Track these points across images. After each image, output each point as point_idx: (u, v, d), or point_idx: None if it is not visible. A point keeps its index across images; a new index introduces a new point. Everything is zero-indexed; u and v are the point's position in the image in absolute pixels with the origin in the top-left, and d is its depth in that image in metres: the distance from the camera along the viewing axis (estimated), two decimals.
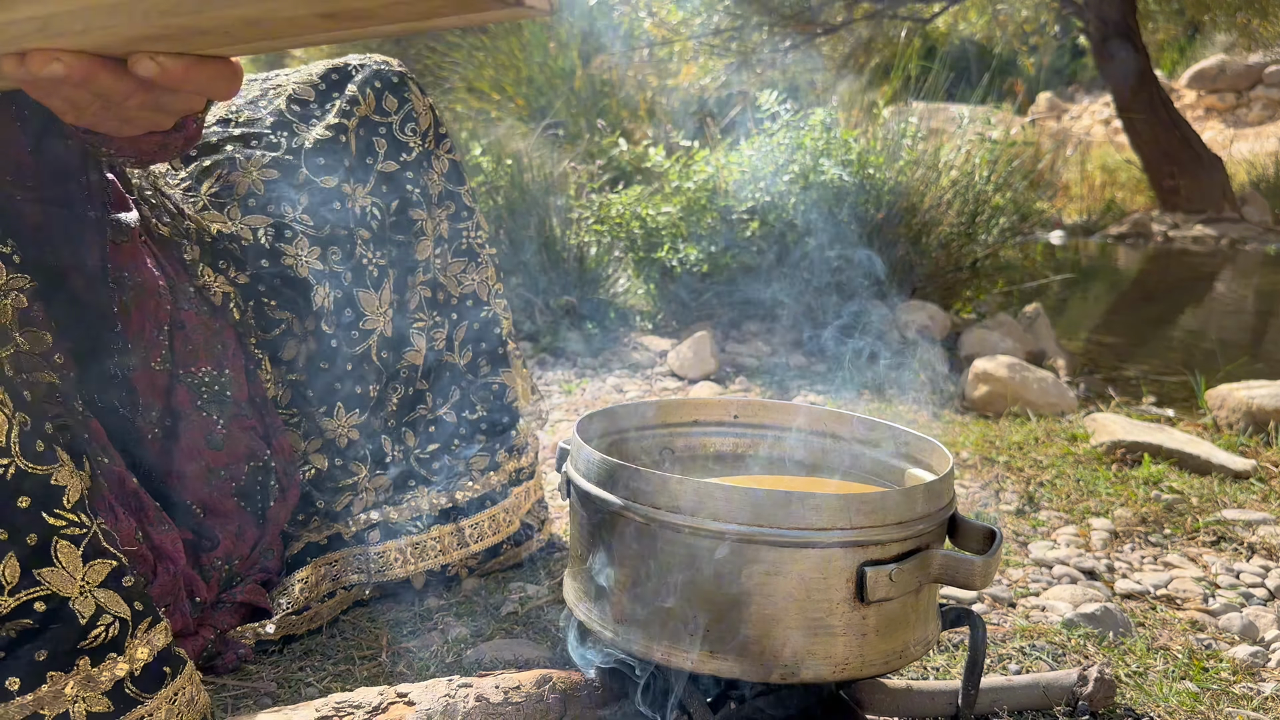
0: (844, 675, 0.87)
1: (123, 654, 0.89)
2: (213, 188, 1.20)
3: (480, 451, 1.35)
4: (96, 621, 0.87)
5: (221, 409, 1.15)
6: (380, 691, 0.95)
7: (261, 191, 1.21)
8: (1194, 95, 9.40)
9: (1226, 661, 1.24)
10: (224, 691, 1.08)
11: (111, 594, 0.89)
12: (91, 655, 0.87)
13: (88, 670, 0.87)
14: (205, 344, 1.15)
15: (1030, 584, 1.45)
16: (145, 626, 0.91)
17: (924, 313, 2.93)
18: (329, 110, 1.26)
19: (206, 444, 1.15)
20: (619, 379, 2.61)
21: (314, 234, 1.21)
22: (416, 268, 1.29)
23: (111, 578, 0.89)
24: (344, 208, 1.24)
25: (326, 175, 1.23)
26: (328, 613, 1.23)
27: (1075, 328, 3.92)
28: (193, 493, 1.14)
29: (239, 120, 1.24)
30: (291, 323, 1.20)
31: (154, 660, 0.91)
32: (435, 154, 1.33)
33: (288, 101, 1.26)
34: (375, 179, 1.26)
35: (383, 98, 1.29)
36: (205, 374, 1.15)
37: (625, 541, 0.89)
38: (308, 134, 1.24)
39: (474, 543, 1.33)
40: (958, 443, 2.10)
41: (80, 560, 0.87)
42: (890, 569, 0.85)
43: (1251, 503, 1.80)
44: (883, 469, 1.12)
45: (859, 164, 2.93)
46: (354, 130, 1.26)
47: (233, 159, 1.22)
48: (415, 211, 1.29)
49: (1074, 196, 7.09)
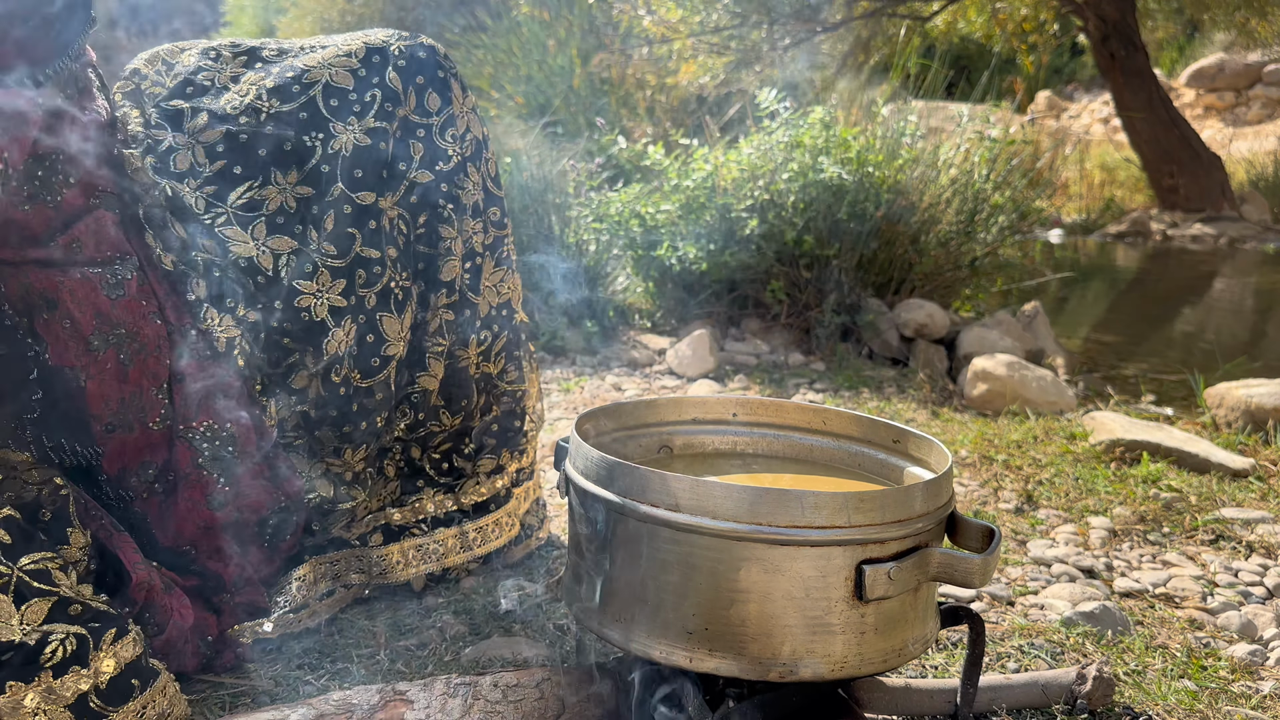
0: (842, 674, 0.87)
1: (87, 667, 0.87)
2: (241, 199, 1.12)
3: (488, 454, 1.34)
4: (46, 643, 0.85)
5: (222, 467, 1.09)
6: (378, 690, 0.95)
7: (293, 208, 1.13)
8: (1193, 94, 9.40)
9: (1225, 660, 1.24)
10: (221, 690, 1.08)
11: (57, 625, 0.86)
12: (54, 669, 0.85)
13: (49, 682, 0.85)
14: (206, 397, 1.08)
15: (1029, 582, 1.45)
16: (111, 639, 0.89)
17: (923, 311, 2.93)
18: (369, 105, 1.17)
19: (206, 503, 1.09)
20: (618, 377, 2.60)
21: (339, 265, 1.14)
22: (441, 289, 1.23)
23: (55, 611, 0.86)
24: (377, 226, 1.16)
25: (363, 191, 1.15)
26: (325, 610, 1.23)
27: (1074, 326, 3.92)
28: (190, 541, 1.10)
29: (269, 111, 1.15)
30: (305, 356, 1.14)
31: (121, 673, 0.89)
32: (474, 161, 1.25)
33: (324, 93, 1.16)
34: (406, 188, 1.18)
35: (425, 96, 1.20)
36: (206, 429, 1.09)
37: (623, 539, 0.89)
38: (344, 136, 1.15)
39: (477, 546, 1.32)
40: (956, 441, 2.10)
41: (13, 606, 0.84)
42: (889, 567, 0.85)
43: (1250, 501, 1.80)
44: (881, 467, 1.12)
45: (858, 162, 2.93)
46: (394, 134, 1.18)
47: (268, 169, 1.13)
48: (445, 229, 1.22)
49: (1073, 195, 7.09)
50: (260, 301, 1.12)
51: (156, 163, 1.12)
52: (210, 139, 1.14)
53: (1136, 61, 6.51)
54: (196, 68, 1.19)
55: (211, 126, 1.15)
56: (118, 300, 1.04)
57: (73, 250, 1.02)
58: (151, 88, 1.17)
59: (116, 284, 1.04)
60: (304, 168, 1.14)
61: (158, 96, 1.17)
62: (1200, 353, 3.38)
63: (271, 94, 1.16)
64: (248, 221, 1.12)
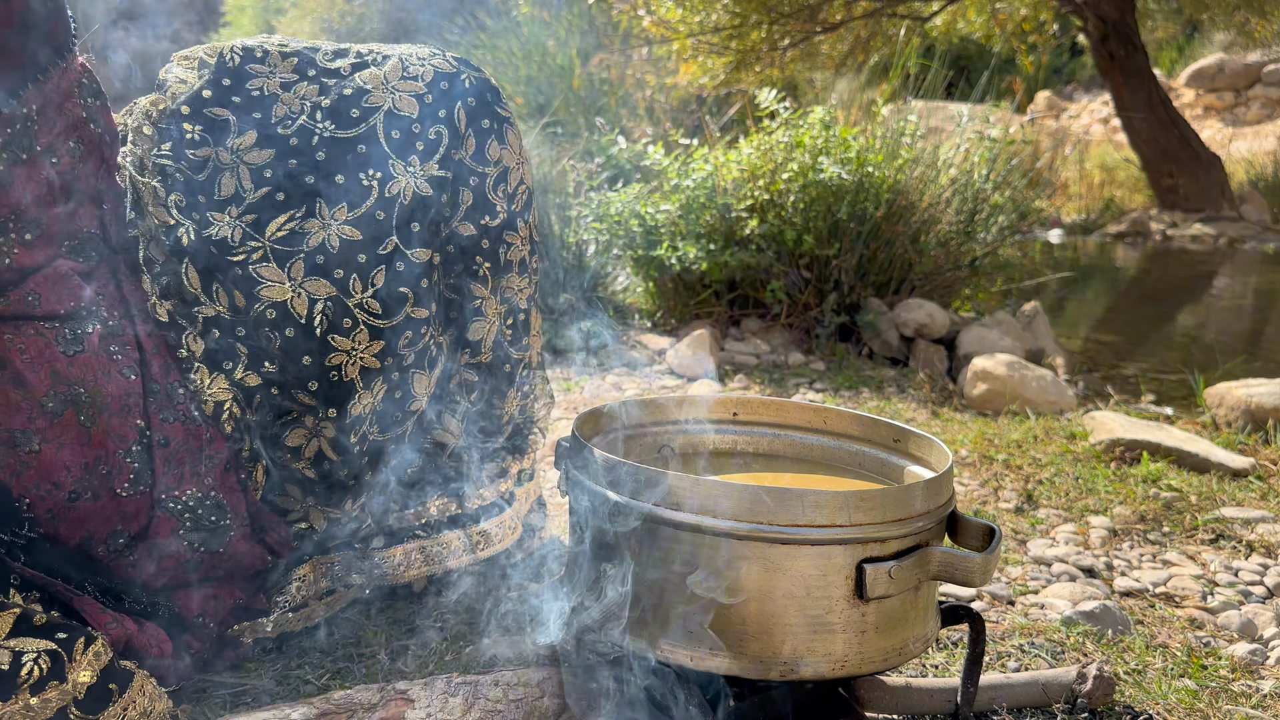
0: (843, 672, 0.87)
1: (65, 681, 0.85)
2: (281, 230, 1.02)
3: (493, 462, 1.34)
4: (20, 665, 0.83)
5: (209, 536, 1.01)
6: (379, 689, 0.95)
7: (335, 249, 1.01)
8: (1192, 94, 9.40)
9: (1225, 659, 1.24)
10: (221, 689, 1.08)
11: (24, 640, 0.84)
12: (32, 687, 0.83)
13: (27, 700, 0.83)
14: (190, 462, 0.99)
15: (1029, 582, 1.45)
16: (81, 648, 0.87)
17: (923, 311, 2.93)
18: (434, 144, 1.06)
19: (181, 569, 1.02)
20: (618, 377, 2.61)
21: (382, 326, 1.03)
22: (466, 348, 1.16)
23: (19, 625, 0.84)
24: (429, 285, 1.06)
25: (419, 248, 1.04)
26: (325, 610, 1.22)
27: (1074, 326, 3.92)
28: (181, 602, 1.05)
29: (323, 135, 1.04)
30: (302, 417, 1.05)
31: (98, 680, 0.88)
32: (523, 216, 1.15)
33: (385, 121, 1.04)
34: (443, 240, 1.09)
35: (487, 143, 1.10)
36: (190, 497, 1.01)
37: (624, 539, 0.89)
38: (404, 180, 1.04)
39: (480, 550, 1.32)
40: (957, 441, 2.10)
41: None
42: (889, 566, 0.85)
43: (1250, 500, 1.80)
44: (882, 466, 1.12)
45: (858, 162, 2.93)
46: (451, 181, 1.07)
47: (314, 200, 1.02)
48: (478, 287, 1.13)
49: (1073, 195, 7.09)
50: (283, 356, 1.02)
51: (188, 192, 1.02)
52: (257, 160, 1.04)
53: (1136, 61, 6.51)
54: (241, 72, 1.08)
55: (260, 147, 1.04)
56: (75, 357, 0.96)
57: (28, 305, 0.93)
58: (189, 95, 1.06)
59: (74, 339, 0.96)
60: (355, 209, 1.03)
61: (200, 103, 1.06)
62: (1200, 352, 3.38)
63: (327, 115, 1.05)
64: (286, 258, 1.01)
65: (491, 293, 1.14)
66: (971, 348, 2.80)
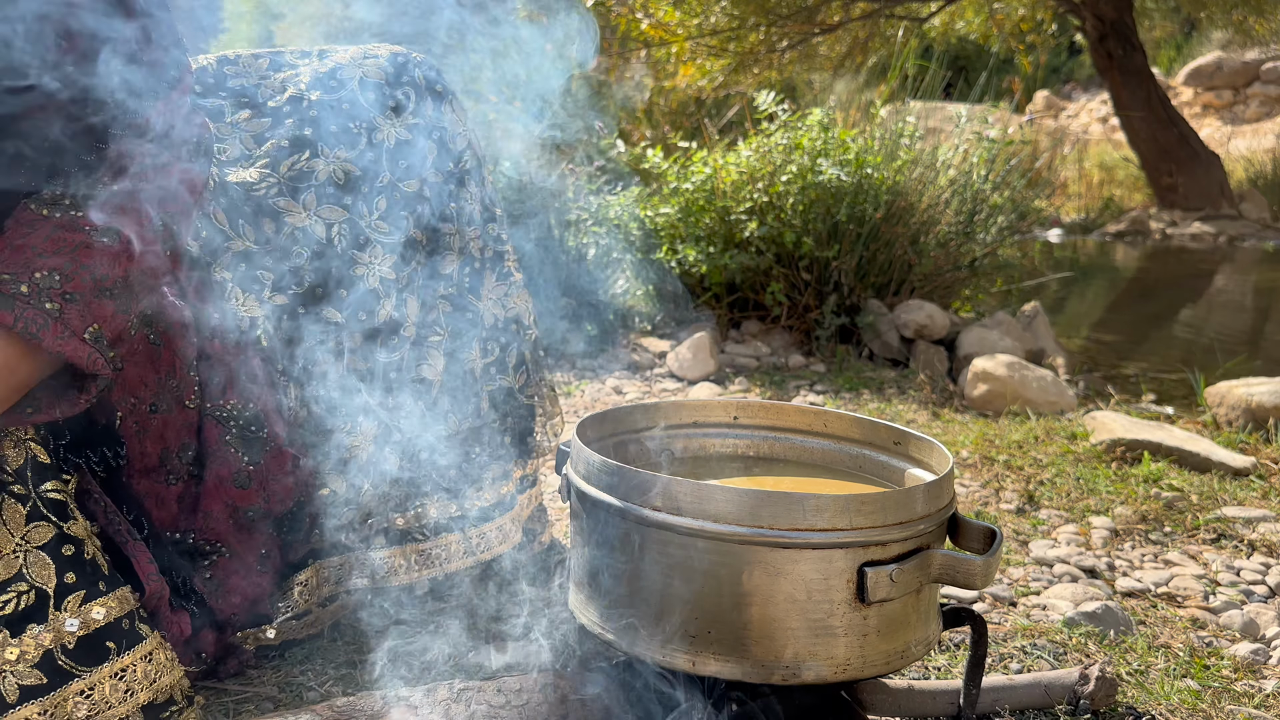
0: (845, 676, 0.87)
1: (45, 623, 0.87)
2: (290, 170, 1.17)
3: (494, 462, 1.34)
4: (7, 588, 0.86)
5: (248, 447, 1.09)
6: (381, 695, 0.95)
7: (342, 182, 1.18)
8: (1191, 92, 9.40)
9: (1227, 659, 1.24)
10: (225, 696, 1.08)
11: (43, 558, 0.88)
12: (9, 627, 0.86)
13: (6, 639, 0.86)
14: (231, 376, 1.09)
15: (1031, 583, 1.45)
16: (78, 601, 0.90)
17: (923, 312, 2.93)
18: (404, 103, 1.24)
19: (233, 482, 1.09)
20: (618, 380, 2.61)
21: (390, 243, 1.19)
22: (440, 281, 1.27)
23: (54, 542, 0.88)
24: (418, 214, 1.22)
25: (410, 179, 1.21)
26: (328, 618, 1.23)
27: (1074, 326, 3.92)
28: (215, 533, 1.09)
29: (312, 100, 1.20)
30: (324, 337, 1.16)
31: (93, 633, 0.90)
32: (474, 177, 1.31)
33: (360, 86, 1.22)
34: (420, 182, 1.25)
35: (441, 106, 1.28)
36: (233, 407, 1.09)
37: (626, 544, 0.89)
38: (387, 128, 1.21)
39: (480, 552, 1.32)
40: (957, 442, 2.10)
41: (23, 521, 0.87)
42: (891, 569, 0.85)
43: (1251, 500, 1.80)
44: (882, 469, 1.12)
45: (856, 164, 2.93)
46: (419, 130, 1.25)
47: (315, 144, 1.18)
48: (446, 226, 1.27)
49: (1072, 195, 7.10)
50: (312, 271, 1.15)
51: None
52: (257, 128, 1.19)
53: (1134, 61, 6.52)
54: (221, 72, 1.23)
55: (258, 118, 1.20)
56: None
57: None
58: None
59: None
60: (352, 149, 1.19)
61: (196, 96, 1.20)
62: (1200, 351, 3.38)
63: (311, 86, 1.22)
64: (298, 192, 1.16)
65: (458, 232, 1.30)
66: (972, 348, 2.80)
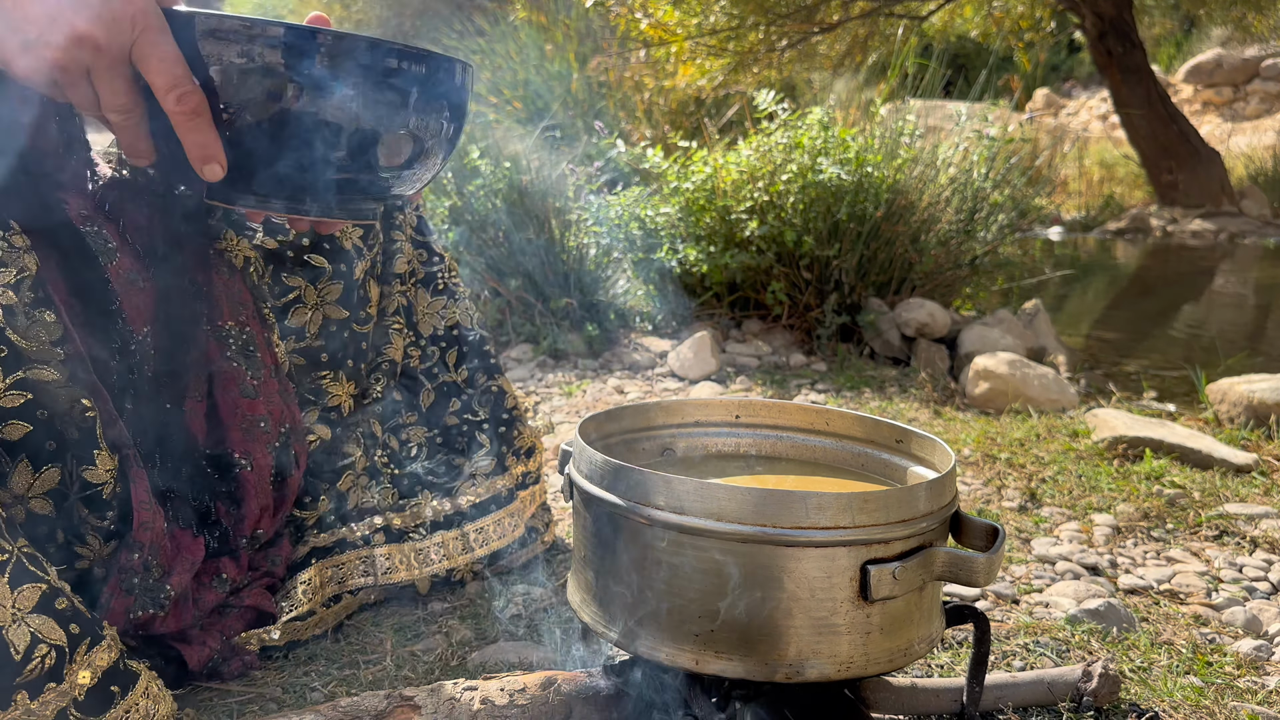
0: (848, 674, 0.87)
1: (62, 682, 0.85)
2: None
3: (486, 455, 1.36)
4: (33, 653, 0.83)
5: (249, 362, 1.17)
6: (385, 695, 0.95)
7: None
8: (1191, 90, 9.40)
9: (1230, 656, 1.24)
10: (229, 697, 1.08)
11: (46, 619, 0.85)
12: (29, 689, 0.83)
13: (27, 705, 0.83)
14: (228, 301, 1.17)
15: (1033, 580, 1.45)
16: (85, 649, 0.88)
17: (924, 310, 2.93)
18: None
19: (240, 393, 1.16)
20: (620, 380, 2.61)
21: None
22: (394, 279, 1.34)
23: (43, 601, 0.85)
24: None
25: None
26: (332, 618, 1.23)
27: (1075, 324, 3.92)
28: (240, 446, 1.15)
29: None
30: (304, 291, 1.23)
31: (98, 682, 0.88)
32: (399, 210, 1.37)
33: None
34: None
35: None
36: (230, 328, 1.17)
37: (628, 542, 0.89)
38: None
39: (479, 548, 1.34)
40: (959, 440, 2.10)
41: (8, 587, 0.83)
42: (894, 567, 0.85)
43: (1253, 496, 1.80)
44: (884, 467, 1.12)
45: (857, 162, 2.93)
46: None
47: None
48: (395, 234, 1.35)
49: (1072, 192, 7.10)
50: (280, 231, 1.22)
51: None
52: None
53: (1134, 58, 6.52)
54: None
55: None
56: None
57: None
58: None
59: None
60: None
61: None
62: (1202, 349, 3.38)
63: None
64: None
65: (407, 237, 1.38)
66: (973, 346, 2.80)
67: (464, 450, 1.36)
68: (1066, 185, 6.97)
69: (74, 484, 0.98)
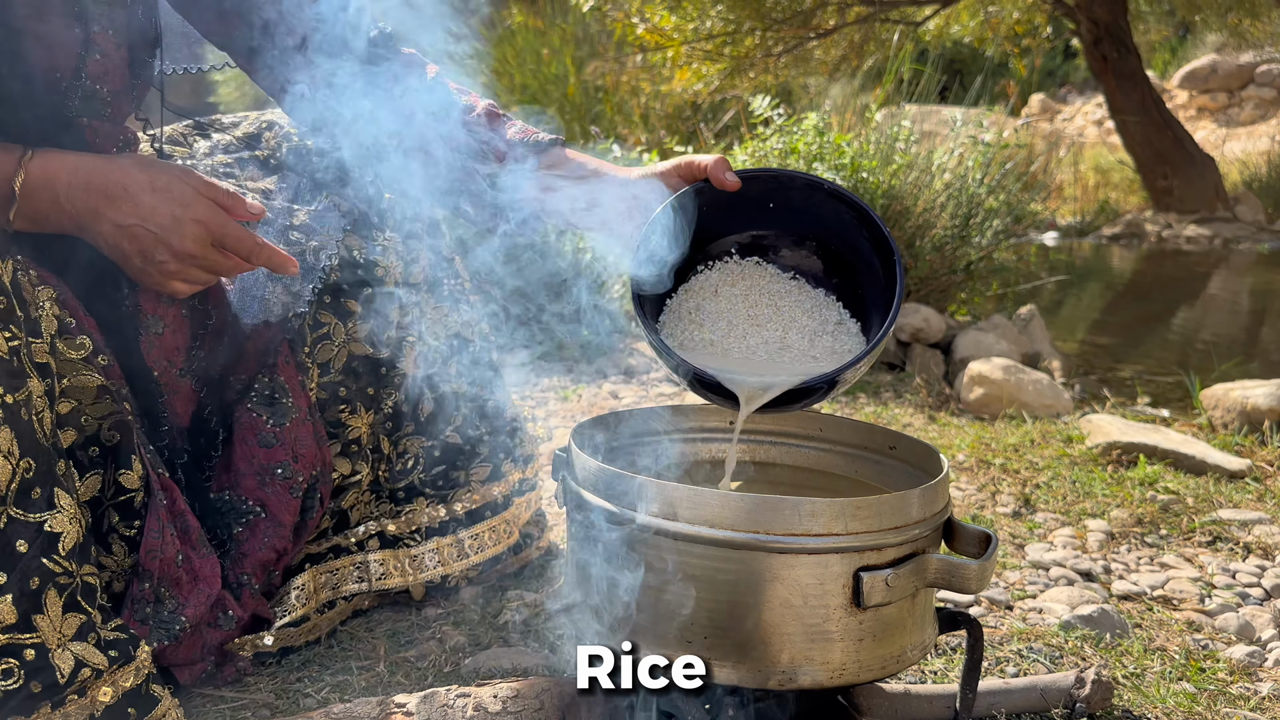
0: (841, 681, 0.87)
1: (84, 696, 0.88)
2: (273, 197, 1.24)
3: (481, 462, 1.35)
4: (76, 676, 0.87)
5: (271, 410, 1.16)
6: (379, 702, 0.95)
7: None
8: (1186, 95, 9.43)
9: (1223, 662, 1.24)
10: (222, 704, 1.08)
11: (87, 646, 0.88)
12: (53, 701, 0.86)
13: (48, 714, 0.86)
14: (255, 352, 1.16)
15: (1027, 586, 1.45)
16: (113, 670, 0.91)
17: (919, 315, 2.93)
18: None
19: (258, 442, 1.16)
20: (615, 385, 2.61)
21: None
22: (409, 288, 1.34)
23: (80, 632, 0.88)
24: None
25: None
26: (326, 624, 1.23)
27: (1070, 329, 3.93)
28: (253, 494, 1.15)
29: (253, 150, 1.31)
30: (333, 329, 1.23)
31: (118, 701, 0.90)
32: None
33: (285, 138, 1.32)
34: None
35: None
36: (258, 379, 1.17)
37: (622, 549, 0.89)
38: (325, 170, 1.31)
39: (474, 554, 1.33)
40: (954, 446, 2.11)
41: (60, 611, 0.86)
42: (886, 574, 0.85)
43: (1247, 502, 1.80)
44: (878, 474, 1.12)
45: (852, 168, 2.93)
46: None
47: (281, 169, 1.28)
48: (413, 243, 1.36)
49: (1068, 198, 7.11)
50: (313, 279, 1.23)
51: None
52: (212, 165, 1.26)
53: (1129, 64, 6.53)
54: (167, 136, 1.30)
55: (212, 155, 1.28)
56: None
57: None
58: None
59: None
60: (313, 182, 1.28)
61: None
62: (1196, 354, 3.38)
63: (241, 144, 1.31)
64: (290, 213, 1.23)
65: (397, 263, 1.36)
66: (968, 352, 2.80)
67: (462, 458, 1.35)
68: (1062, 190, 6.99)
69: (110, 489, 1.01)
